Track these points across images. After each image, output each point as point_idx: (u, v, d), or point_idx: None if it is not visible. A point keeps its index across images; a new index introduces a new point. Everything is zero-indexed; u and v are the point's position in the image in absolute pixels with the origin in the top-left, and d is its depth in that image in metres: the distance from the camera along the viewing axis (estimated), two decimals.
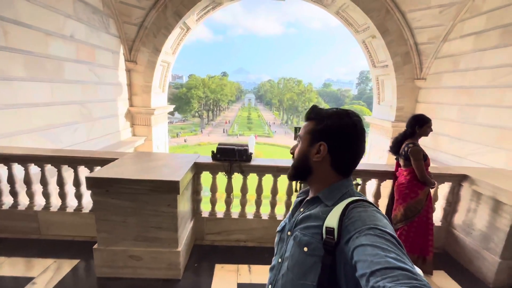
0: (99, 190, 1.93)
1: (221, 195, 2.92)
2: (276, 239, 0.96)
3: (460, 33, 5.36)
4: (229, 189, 2.88)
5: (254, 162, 2.82)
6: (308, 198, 0.90)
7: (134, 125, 6.71)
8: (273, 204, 3.00)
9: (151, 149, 6.80)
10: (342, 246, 0.67)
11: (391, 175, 2.86)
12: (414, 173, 2.53)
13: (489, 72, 4.69)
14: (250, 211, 3.03)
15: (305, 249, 0.76)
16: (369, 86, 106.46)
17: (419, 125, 2.62)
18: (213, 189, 2.87)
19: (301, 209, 0.88)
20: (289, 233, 0.87)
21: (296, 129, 3.29)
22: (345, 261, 0.66)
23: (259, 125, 67.24)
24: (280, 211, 3.07)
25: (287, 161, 2.90)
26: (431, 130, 2.72)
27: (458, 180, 3.00)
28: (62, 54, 4.30)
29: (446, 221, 3.17)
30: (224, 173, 2.77)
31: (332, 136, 0.81)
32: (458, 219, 3.06)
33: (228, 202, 2.91)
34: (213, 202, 2.90)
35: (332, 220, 0.72)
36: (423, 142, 6.18)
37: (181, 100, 58.50)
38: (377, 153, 7.48)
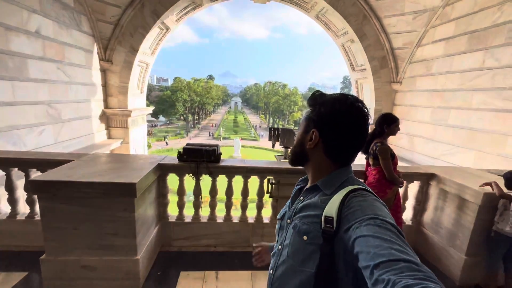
0: (46, 195, 1.76)
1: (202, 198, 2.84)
2: (277, 226, 0.97)
3: (432, 38, 5.57)
4: (197, 192, 2.76)
5: (223, 163, 2.72)
6: (307, 186, 0.89)
7: (110, 128, 6.43)
8: (243, 207, 2.90)
9: (128, 152, 6.54)
10: (341, 235, 0.67)
11: (362, 174, 2.86)
12: (383, 172, 2.53)
13: (459, 76, 4.88)
14: (220, 214, 2.92)
15: (305, 237, 0.76)
16: (352, 91, 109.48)
17: (387, 124, 2.64)
18: (180, 192, 2.74)
19: (301, 198, 0.88)
20: (288, 221, 0.88)
21: (272, 130, 3.26)
22: (344, 249, 0.66)
23: (245, 129, 67.21)
24: (252, 213, 2.98)
25: (257, 161, 2.83)
26: (399, 129, 2.75)
27: (426, 178, 3.05)
28: (26, 50, 4.05)
29: (416, 220, 3.21)
30: (191, 174, 2.64)
31: (323, 123, 0.81)
32: (427, 217, 3.10)
33: (197, 205, 2.79)
34: (180, 205, 2.75)
35: (331, 209, 0.72)
36: (400, 143, 6.32)
37: (165, 103, 57.51)
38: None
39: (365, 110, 0.80)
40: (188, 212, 2.86)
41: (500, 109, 4.10)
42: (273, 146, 2.91)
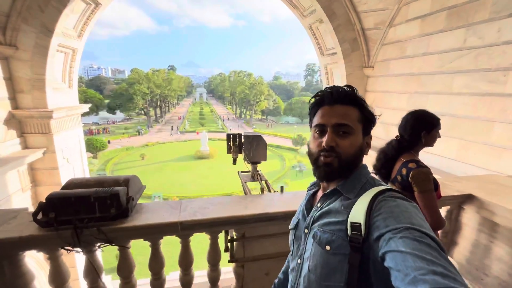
0: None
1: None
2: (290, 237, 0.90)
3: (405, 17, 5.09)
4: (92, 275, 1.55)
5: (138, 215, 1.57)
6: (326, 192, 0.82)
7: (25, 134, 4.94)
8: (185, 284, 1.82)
9: (55, 163, 5.13)
10: (371, 242, 0.63)
11: None
12: None
13: (437, 58, 4.46)
14: None
15: (327, 247, 0.71)
16: (315, 78, 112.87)
17: (426, 129, 1.79)
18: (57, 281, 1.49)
19: (318, 204, 0.82)
20: (306, 230, 0.81)
21: (230, 138, 1.94)
22: (374, 258, 0.62)
23: (212, 120, 65.12)
24: None
25: (205, 201, 1.85)
26: (439, 136, 1.92)
27: (458, 202, 2.24)
28: None
29: None
30: (69, 247, 1.42)
31: (371, 125, 0.88)
32: (459, 254, 2.33)
33: None
34: None
35: (357, 214, 0.67)
36: (376, 132, 5.92)
37: (122, 97, 52.79)
38: None
39: None
40: None
41: (484, 93, 3.73)
42: (234, 162, 2.01)
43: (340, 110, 0.78)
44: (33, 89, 4.76)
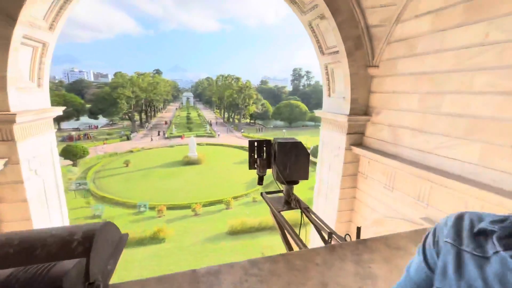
0: None
1: None
2: None
3: (415, 12, 4.75)
4: None
5: None
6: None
7: None
8: None
9: (19, 176, 4.33)
10: None
11: None
12: None
13: (453, 55, 4.12)
14: None
15: None
16: (302, 83, 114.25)
17: None
18: None
19: (498, 250, 0.50)
20: None
21: (254, 146, 1.40)
22: None
23: (199, 125, 63.93)
24: None
25: None
26: None
27: None
28: None
29: None
30: None
31: None
32: None
33: None
34: None
35: None
36: (381, 135, 5.50)
37: (105, 101, 50.75)
38: (331, 151, 6.67)
39: None
40: None
41: (511, 92, 3.39)
42: (260, 182, 1.43)
43: None
44: None
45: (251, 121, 73.74)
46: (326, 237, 1.20)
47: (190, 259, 14.00)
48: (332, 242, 1.09)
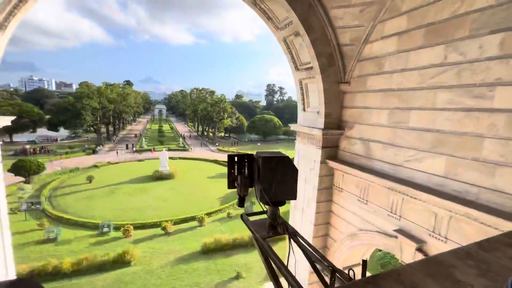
0: None
1: None
2: None
3: (381, 34, 5.08)
4: None
5: None
6: None
7: None
8: None
9: None
10: None
11: None
12: None
13: (417, 73, 4.42)
14: None
15: None
16: (275, 98, 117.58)
17: None
18: None
19: None
20: None
21: (234, 160, 1.22)
22: None
23: (172, 138, 61.90)
24: None
25: None
26: None
27: None
28: None
29: None
30: None
31: None
32: None
33: None
34: None
35: None
36: (354, 149, 5.64)
37: (67, 112, 47.24)
38: (307, 164, 6.69)
39: None
40: None
41: (471, 108, 3.67)
42: (240, 203, 1.21)
43: None
44: None
45: (226, 134, 73.29)
46: (319, 268, 1.05)
47: (159, 283, 12.87)
48: (335, 281, 0.92)
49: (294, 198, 1.16)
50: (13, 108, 45.73)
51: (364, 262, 0.96)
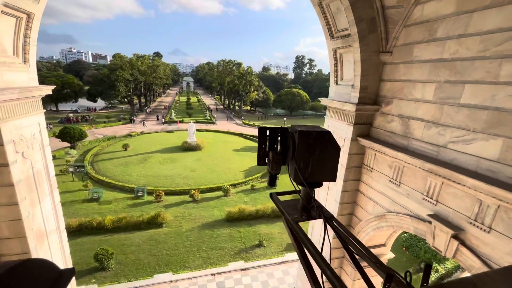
0: None
1: None
2: None
3: None
4: None
5: None
6: None
7: None
8: None
9: (5, 159, 4.04)
10: None
11: None
12: None
13: (479, 40, 3.74)
14: None
15: None
16: (304, 71, 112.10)
17: None
18: None
19: None
20: None
21: (265, 134, 1.11)
22: None
23: (199, 111, 63.17)
24: None
25: None
26: None
27: None
28: None
29: None
30: None
31: None
32: None
33: None
34: None
35: None
36: (390, 127, 5.18)
37: (103, 83, 49.76)
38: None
39: None
40: None
41: None
42: (271, 182, 1.10)
43: None
44: None
45: (251, 108, 72.89)
46: (362, 265, 0.92)
47: (187, 244, 14.02)
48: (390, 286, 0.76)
49: (334, 179, 1.01)
50: (57, 79, 49.32)
51: (428, 268, 0.80)
